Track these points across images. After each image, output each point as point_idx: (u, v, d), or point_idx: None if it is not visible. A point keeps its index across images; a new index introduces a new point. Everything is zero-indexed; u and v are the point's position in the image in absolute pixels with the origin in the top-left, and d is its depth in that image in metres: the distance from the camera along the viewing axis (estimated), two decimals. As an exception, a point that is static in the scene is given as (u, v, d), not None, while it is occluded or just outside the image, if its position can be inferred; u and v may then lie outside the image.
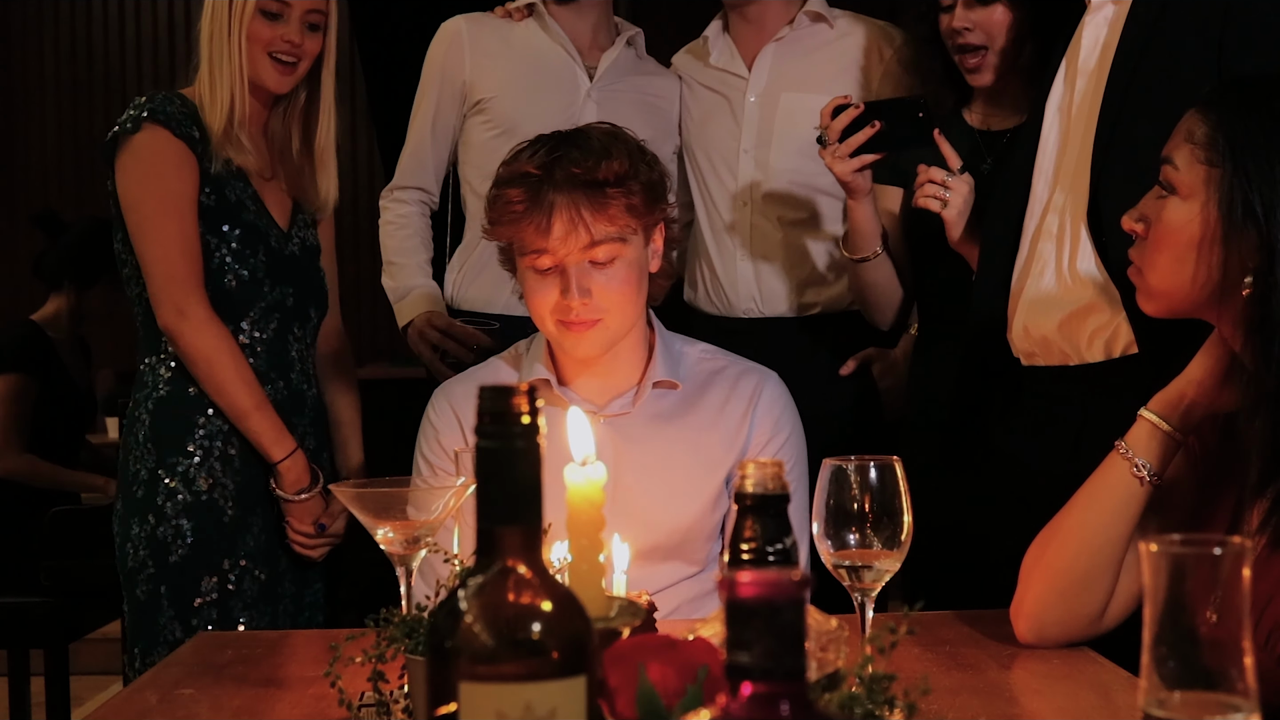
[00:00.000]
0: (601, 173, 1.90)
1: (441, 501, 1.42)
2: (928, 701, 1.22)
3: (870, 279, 2.49)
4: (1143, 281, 1.61)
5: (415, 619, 1.31)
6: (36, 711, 3.77)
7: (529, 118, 2.63)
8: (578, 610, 0.88)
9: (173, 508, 2.31)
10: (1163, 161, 1.57)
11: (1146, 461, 1.57)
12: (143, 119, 2.30)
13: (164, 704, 1.53)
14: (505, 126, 2.66)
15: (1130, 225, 1.62)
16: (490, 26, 2.79)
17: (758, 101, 2.67)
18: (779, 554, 1.15)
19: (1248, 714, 0.88)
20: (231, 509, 2.34)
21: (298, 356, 2.44)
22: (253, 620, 2.34)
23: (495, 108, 2.70)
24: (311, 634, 2.06)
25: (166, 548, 2.31)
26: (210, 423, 2.33)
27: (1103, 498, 1.59)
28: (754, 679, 0.74)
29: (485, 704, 0.84)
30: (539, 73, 2.74)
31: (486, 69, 2.73)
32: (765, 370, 2.09)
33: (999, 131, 2.42)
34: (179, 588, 2.31)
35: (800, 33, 2.69)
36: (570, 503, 1.03)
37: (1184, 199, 1.54)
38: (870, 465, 1.37)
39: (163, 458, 2.33)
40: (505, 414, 0.89)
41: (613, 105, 2.70)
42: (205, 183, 2.32)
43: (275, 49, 2.34)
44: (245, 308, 2.36)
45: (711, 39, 2.76)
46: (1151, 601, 0.90)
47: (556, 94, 2.72)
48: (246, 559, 2.35)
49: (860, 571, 1.37)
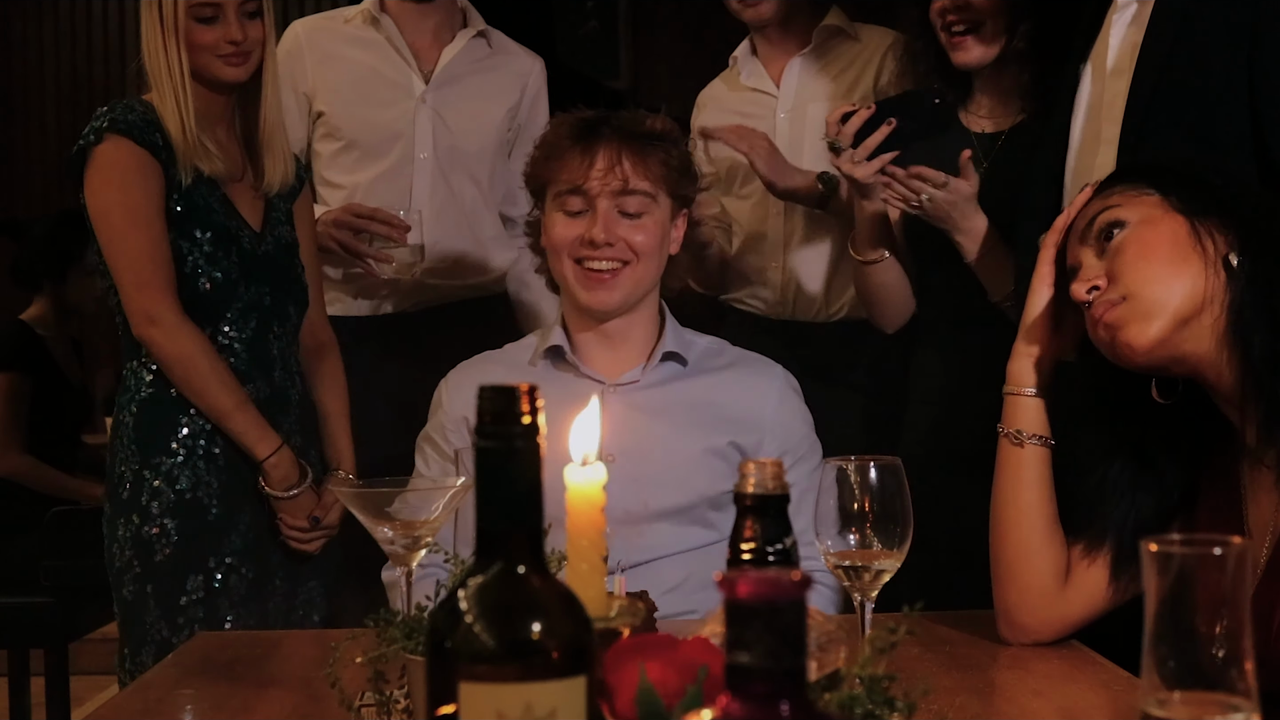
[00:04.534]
0: (647, 125, 2.09)
1: (442, 501, 1.42)
2: (928, 701, 1.22)
3: (879, 280, 2.50)
4: (1136, 302, 1.54)
5: (415, 619, 1.31)
6: (36, 711, 3.77)
7: (363, 129, 2.77)
8: (578, 610, 0.88)
9: (157, 507, 2.32)
10: (1094, 219, 1.60)
11: (1022, 430, 1.69)
12: (104, 130, 2.30)
13: (164, 704, 1.53)
14: (343, 139, 2.77)
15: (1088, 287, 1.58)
16: (328, 33, 2.84)
17: (788, 117, 2.74)
18: (779, 554, 1.15)
19: (1248, 714, 0.88)
20: (216, 507, 2.34)
21: (279, 355, 2.44)
22: (240, 619, 2.34)
23: (331, 121, 2.79)
24: (311, 634, 2.07)
25: (151, 547, 2.32)
26: (193, 422, 2.34)
27: (1002, 478, 1.71)
28: (754, 679, 0.74)
29: (485, 704, 0.84)
30: (369, 83, 2.80)
31: (322, 80, 2.79)
32: (770, 361, 2.21)
33: (993, 134, 2.42)
34: (164, 587, 2.31)
35: (822, 47, 2.76)
36: (570, 503, 1.03)
37: (1141, 223, 1.56)
38: (870, 465, 1.38)
39: (147, 458, 2.34)
40: (505, 414, 0.89)
41: (450, 108, 2.80)
42: (173, 189, 2.33)
43: (220, 51, 2.33)
44: (222, 309, 2.37)
45: (741, 60, 2.84)
46: (1151, 601, 0.90)
47: (388, 104, 2.79)
48: (233, 557, 2.35)
49: (860, 571, 1.37)
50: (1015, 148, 2.36)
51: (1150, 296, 1.53)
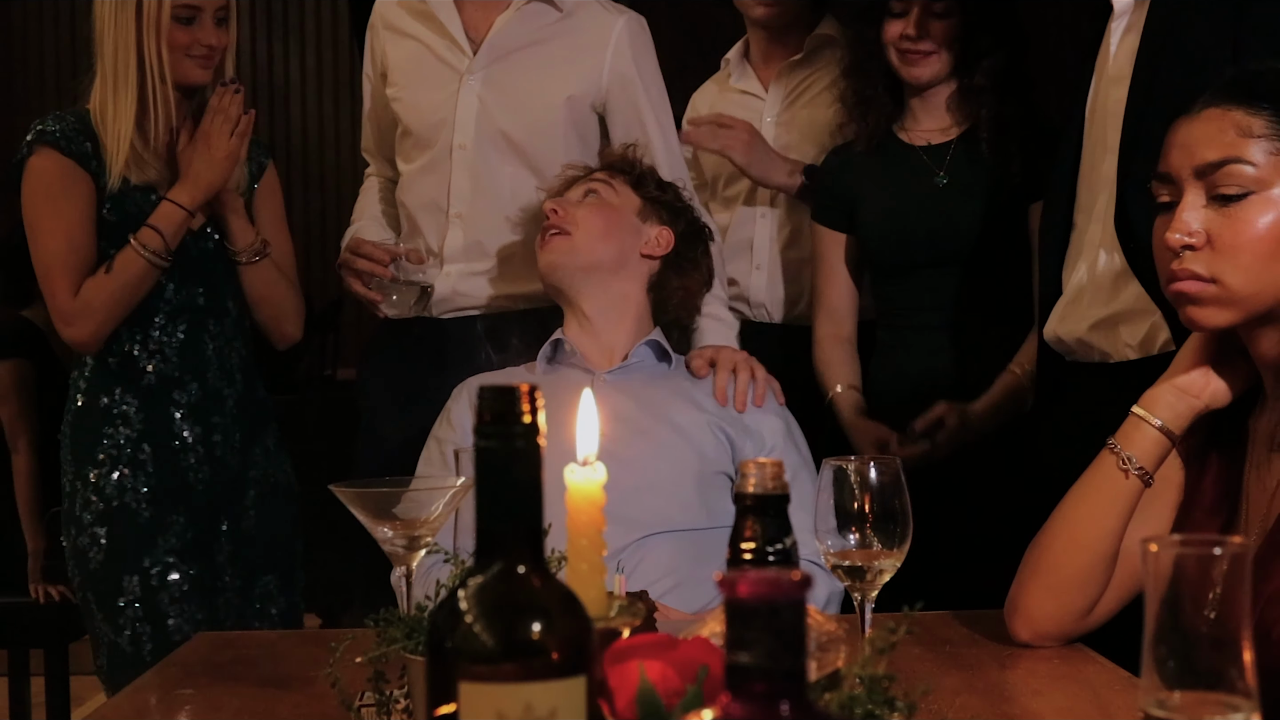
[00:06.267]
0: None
1: (442, 501, 1.42)
2: (928, 701, 1.22)
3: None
4: (1221, 290, 1.48)
5: (415, 619, 1.31)
6: (36, 711, 3.77)
7: (414, 114, 2.50)
8: (578, 610, 0.88)
9: (89, 517, 2.38)
10: (1222, 164, 1.48)
11: (1134, 457, 1.57)
12: (34, 143, 2.36)
13: (164, 704, 1.53)
14: (402, 124, 2.53)
15: (1180, 240, 1.49)
16: (398, 5, 2.56)
17: (774, 122, 2.76)
18: (779, 554, 1.15)
19: (1248, 714, 0.88)
20: (147, 510, 2.39)
21: (215, 355, 2.46)
22: (184, 615, 2.38)
23: (394, 105, 2.55)
24: (311, 634, 2.06)
25: (86, 555, 2.38)
26: (119, 432, 2.39)
27: (1093, 494, 1.60)
28: (754, 679, 0.74)
29: (485, 704, 0.84)
30: (422, 61, 2.50)
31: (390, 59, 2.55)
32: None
33: (942, 144, 2.46)
34: (101, 592, 2.38)
35: (813, 55, 2.77)
36: (570, 503, 1.03)
37: (1264, 193, 1.47)
38: (870, 465, 1.38)
39: (79, 470, 2.41)
40: (505, 414, 0.89)
41: (498, 85, 2.45)
42: (105, 199, 2.36)
43: (193, 52, 2.36)
44: (150, 313, 2.41)
45: (733, 62, 2.87)
46: (1151, 601, 0.90)
47: (437, 85, 2.48)
48: (171, 557, 2.39)
49: (860, 571, 1.37)
50: (970, 154, 2.45)
51: (1241, 290, 1.48)
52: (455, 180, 2.45)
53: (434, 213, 2.47)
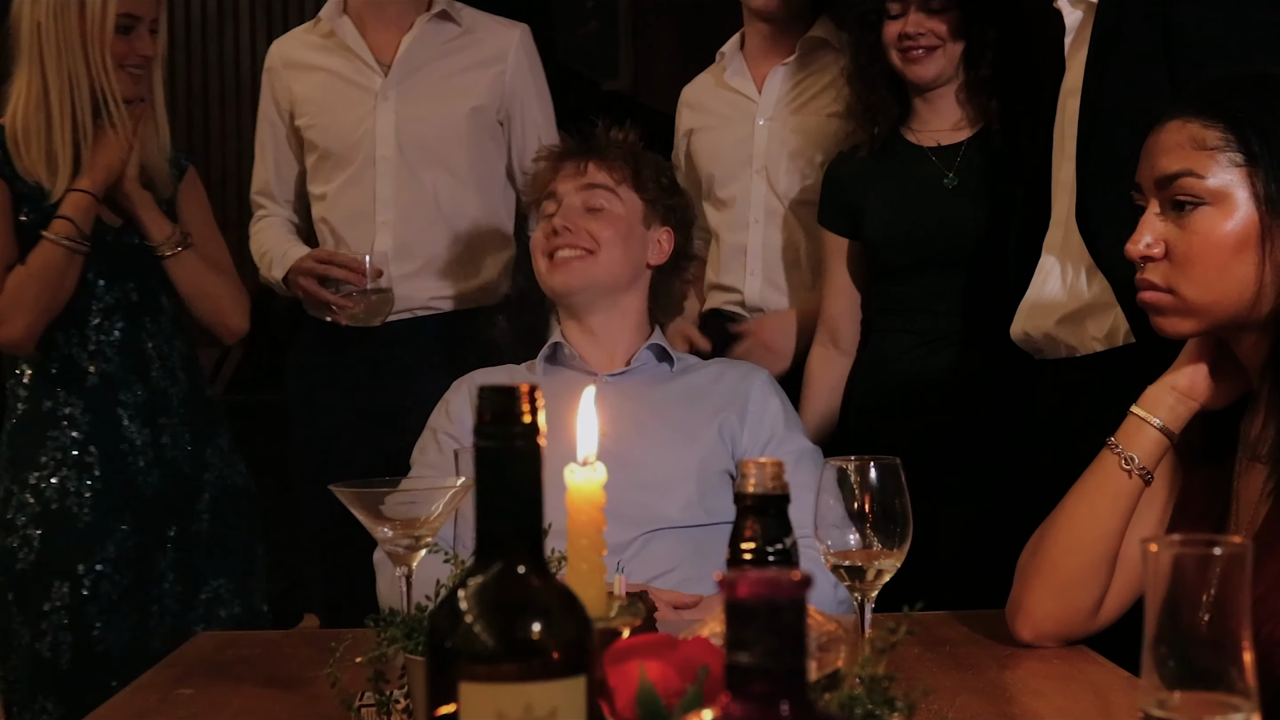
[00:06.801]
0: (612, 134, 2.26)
1: (442, 501, 1.42)
2: (928, 701, 1.22)
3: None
4: (1178, 300, 1.51)
5: (415, 619, 1.31)
6: (36, 712, 3.76)
7: (331, 137, 2.68)
8: (578, 610, 0.88)
9: (23, 519, 2.37)
10: (1177, 176, 1.50)
11: (1136, 456, 1.58)
12: None
13: (164, 704, 1.53)
14: (318, 150, 2.70)
15: (1141, 251, 1.52)
16: (299, 45, 2.78)
17: (766, 124, 2.74)
18: (779, 554, 1.15)
19: (1248, 714, 0.88)
20: (88, 515, 2.38)
21: (156, 351, 2.47)
22: (111, 624, 2.37)
23: (308, 134, 2.72)
24: (311, 634, 2.06)
25: (14, 556, 2.37)
26: (64, 434, 2.39)
27: (1094, 494, 1.60)
28: (754, 679, 0.74)
29: (485, 704, 0.84)
30: (335, 89, 2.72)
31: (297, 94, 2.74)
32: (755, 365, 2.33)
33: (953, 145, 2.45)
34: (25, 594, 2.36)
35: (806, 57, 2.75)
36: (570, 503, 1.03)
37: (1216, 205, 1.48)
38: (870, 465, 1.38)
39: (17, 474, 2.40)
40: (505, 414, 0.89)
41: (412, 98, 2.67)
42: (23, 203, 2.37)
43: (128, 62, 2.37)
44: (84, 312, 2.41)
45: (728, 56, 2.82)
46: (1151, 601, 0.90)
47: (352, 107, 2.69)
48: (105, 564, 2.38)
49: (860, 571, 1.37)
50: (984, 152, 2.43)
51: (1196, 300, 1.51)
52: (380, 189, 2.65)
53: (361, 222, 2.64)
